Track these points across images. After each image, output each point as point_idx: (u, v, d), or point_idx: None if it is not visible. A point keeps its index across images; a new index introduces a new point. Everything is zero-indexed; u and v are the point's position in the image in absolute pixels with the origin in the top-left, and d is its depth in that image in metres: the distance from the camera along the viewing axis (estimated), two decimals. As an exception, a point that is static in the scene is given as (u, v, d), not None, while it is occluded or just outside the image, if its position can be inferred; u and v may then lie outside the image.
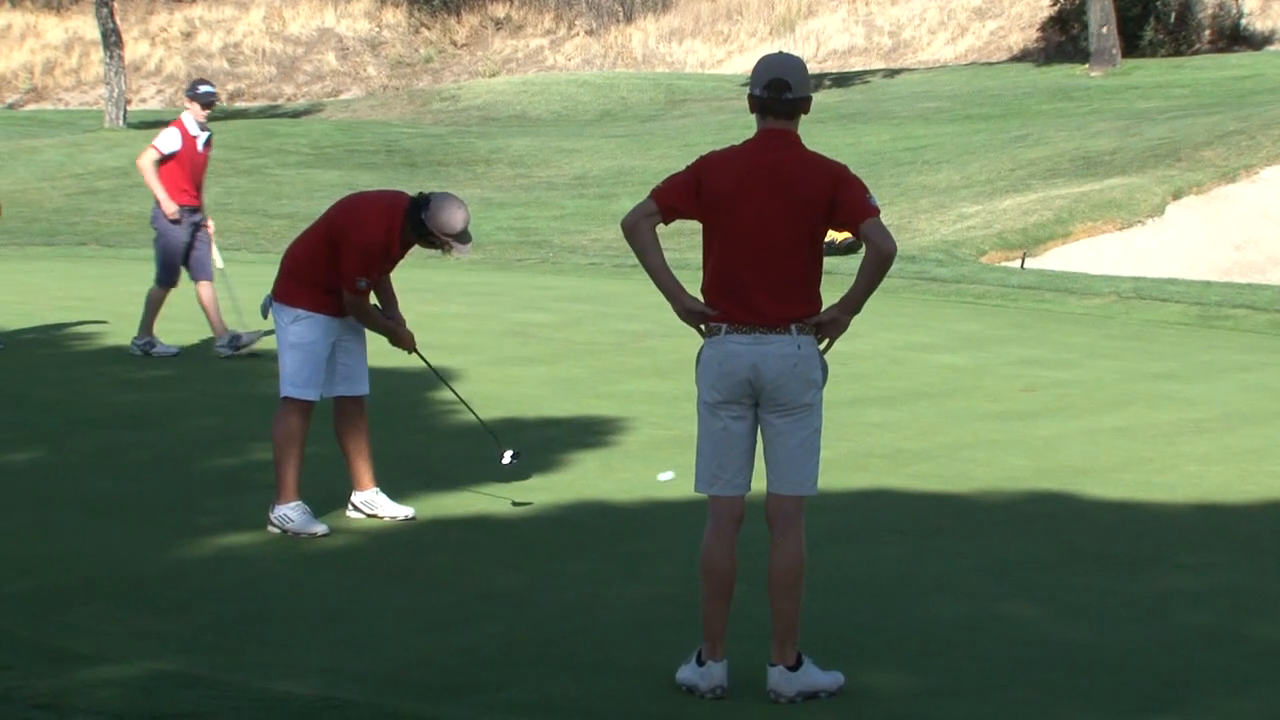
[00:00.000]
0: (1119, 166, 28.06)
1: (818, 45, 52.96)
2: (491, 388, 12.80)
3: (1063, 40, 47.53)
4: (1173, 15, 46.56)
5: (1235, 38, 48.02)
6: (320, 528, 8.71)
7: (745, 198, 6.29)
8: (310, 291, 8.83)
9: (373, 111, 46.38)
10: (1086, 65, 42.13)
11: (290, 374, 8.79)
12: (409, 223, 8.79)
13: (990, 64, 48.10)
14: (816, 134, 30.06)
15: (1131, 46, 43.93)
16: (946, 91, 41.56)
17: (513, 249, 24.68)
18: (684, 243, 16.05)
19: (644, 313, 16.64)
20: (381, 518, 9.00)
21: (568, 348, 14.79)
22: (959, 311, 17.97)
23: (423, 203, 8.83)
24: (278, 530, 8.69)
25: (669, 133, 38.90)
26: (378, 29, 56.64)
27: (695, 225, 6.49)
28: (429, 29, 56.92)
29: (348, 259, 8.72)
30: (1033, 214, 25.18)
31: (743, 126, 37.62)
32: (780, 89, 6.32)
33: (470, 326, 15.90)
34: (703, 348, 6.42)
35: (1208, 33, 47.97)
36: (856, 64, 50.82)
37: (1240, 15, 48.46)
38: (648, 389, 12.97)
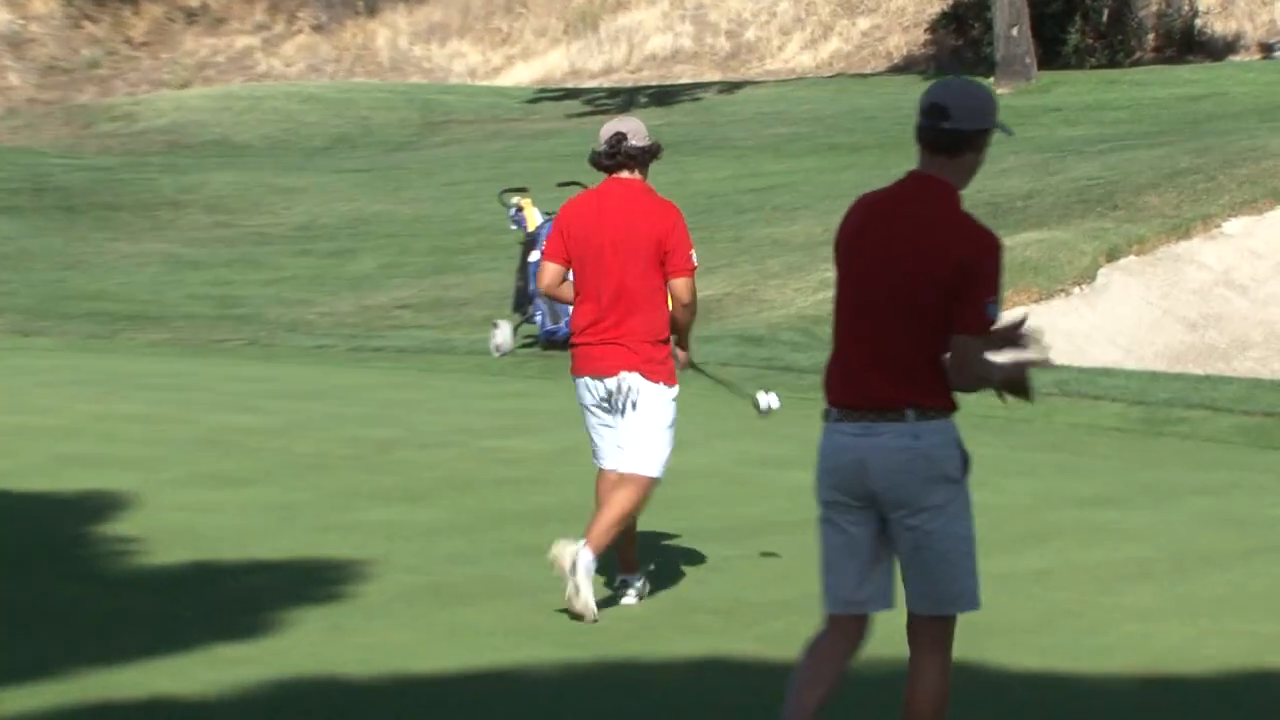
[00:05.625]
0: (1035, 216, 28.50)
1: (630, 49, 53.42)
2: (176, 518, 12.66)
3: (959, 45, 48.37)
4: (1105, 13, 47.18)
5: (1188, 44, 49.06)
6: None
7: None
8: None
9: (15, 135, 45.93)
10: (991, 78, 42.79)
11: (669, 455, 10.74)
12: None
13: (863, 76, 48.82)
14: (628, 169, 30.15)
15: (1052, 54, 44.64)
16: (805, 112, 42.05)
17: (209, 326, 24.48)
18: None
19: (392, 414, 16.57)
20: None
21: (286, 462, 14.68)
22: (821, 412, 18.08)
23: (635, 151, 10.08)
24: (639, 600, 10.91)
25: (427, 166, 38.96)
26: (22, 21, 56.17)
27: None
28: (94, 22, 56.56)
29: (685, 247, 10.16)
30: (920, 280, 25.48)
31: (527, 158, 37.85)
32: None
33: (148, 433, 15.73)
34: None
35: (1151, 37, 48.91)
36: (683, 74, 51.32)
37: (1194, 14, 49.34)
38: (395, 519, 12.91)
